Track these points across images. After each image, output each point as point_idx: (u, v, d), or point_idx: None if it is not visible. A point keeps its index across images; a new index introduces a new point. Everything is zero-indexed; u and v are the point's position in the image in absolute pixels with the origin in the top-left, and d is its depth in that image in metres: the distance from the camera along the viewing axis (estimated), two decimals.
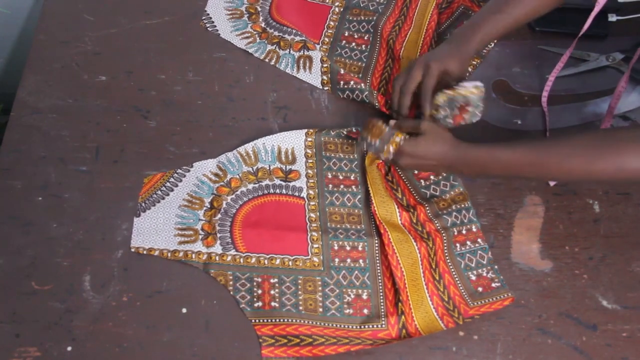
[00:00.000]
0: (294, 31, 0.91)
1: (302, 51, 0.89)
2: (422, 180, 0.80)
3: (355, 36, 0.92)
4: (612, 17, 0.93)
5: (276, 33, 0.91)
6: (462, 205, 0.78)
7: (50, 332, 0.70)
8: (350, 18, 0.94)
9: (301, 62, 0.89)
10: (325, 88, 0.87)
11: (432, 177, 0.80)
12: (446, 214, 0.77)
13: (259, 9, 0.94)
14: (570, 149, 0.64)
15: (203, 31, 0.92)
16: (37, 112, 0.84)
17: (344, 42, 0.92)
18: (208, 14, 0.93)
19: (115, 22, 0.92)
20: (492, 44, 0.91)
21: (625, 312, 0.73)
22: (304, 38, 0.90)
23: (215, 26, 0.92)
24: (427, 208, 0.77)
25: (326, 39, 0.92)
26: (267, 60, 0.89)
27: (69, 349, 0.69)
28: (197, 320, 0.71)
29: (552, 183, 0.81)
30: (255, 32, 0.91)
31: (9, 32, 1.08)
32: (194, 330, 0.71)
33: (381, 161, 0.80)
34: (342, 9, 0.94)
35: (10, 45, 1.11)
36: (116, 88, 0.86)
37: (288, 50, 0.90)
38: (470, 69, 0.89)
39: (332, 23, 0.93)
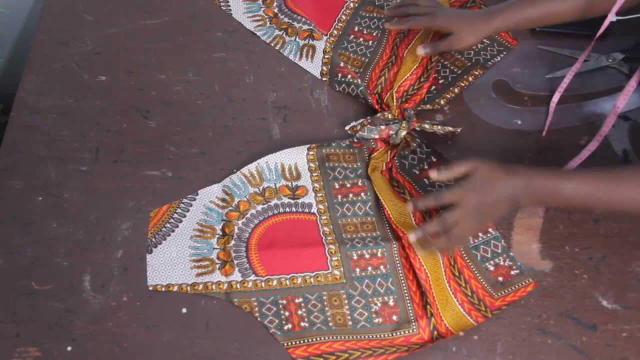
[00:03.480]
0: (303, 19, 0.92)
1: (307, 40, 0.91)
2: (425, 180, 0.80)
3: (365, 32, 0.92)
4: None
5: (286, 19, 0.93)
6: None
7: (50, 332, 0.70)
8: (363, 14, 0.94)
9: (304, 50, 0.90)
10: (324, 79, 0.88)
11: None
12: None
13: None
14: None
15: (203, 31, 0.92)
16: (37, 112, 0.84)
17: (351, 36, 0.92)
18: None
19: (115, 22, 0.92)
20: (500, 56, 0.90)
21: (625, 312, 0.73)
22: (311, 27, 0.91)
23: (229, 5, 0.94)
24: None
25: (335, 32, 0.93)
26: (272, 44, 0.90)
27: (69, 349, 0.69)
28: (197, 320, 0.71)
29: None
30: (266, 16, 0.93)
31: (9, 32, 1.08)
32: (194, 330, 0.71)
33: (384, 168, 0.79)
34: (356, 5, 0.95)
35: (10, 45, 1.11)
36: (116, 88, 0.86)
37: (294, 37, 0.91)
38: (471, 79, 0.88)
39: (343, 17, 0.94)
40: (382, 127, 0.80)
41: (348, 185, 0.79)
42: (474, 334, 0.71)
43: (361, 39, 0.92)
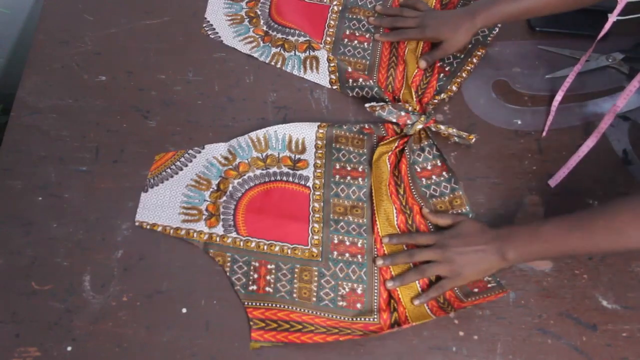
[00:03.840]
0: (297, 32, 0.91)
1: (307, 52, 0.89)
2: (423, 179, 0.80)
3: (357, 34, 0.92)
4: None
5: (279, 35, 0.91)
6: (460, 211, 0.78)
7: (50, 332, 0.70)
8: (350, 16, 0.94)
9: (307, 62, 0.89)
10: (334, 87, 0.87)
11: (434, 176, 0.80)
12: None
13: (259, 13, 0.93)
14: (616, 206, 0.63)
15: (204, 33, 0.92)
16: (37, 112, 0.84)
17: (346, 40, 0.92)
18: (209, 21, 0.92)
19: (115, 22, 0.92)
20: (497, 28, 0.91)
21: (625, 312, 0.73)
22: (308, 38, 0.90)
23: (217, 33, 0.91)
24: (423, 207, 0.78)
25: (328, 39, 0.92)
26: (272, 63, 0.89)
27: (69, 349, 0.69)
28: (197, 320, 0.71)
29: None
30: (257, 36, 0.91)
31: (9, 32, 1.08)
32: (194, 330, 0.71)
33: (391, 152, 0.80)
34: (340, 8, 0.94)
35: (10, 45, 1.11)
36: (116, 88, 0.86)
37: (293, 51, 0.89)
38: (475, 60, 0.89)
39: (332, 22, 0.93)
40: (403, 113, 0.81)
41: (348, 168, 0.80)
42: (474, 334, 0.71)
43: (356, 42, 0.91)
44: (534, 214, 0.78)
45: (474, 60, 0.89)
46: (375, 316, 0.71)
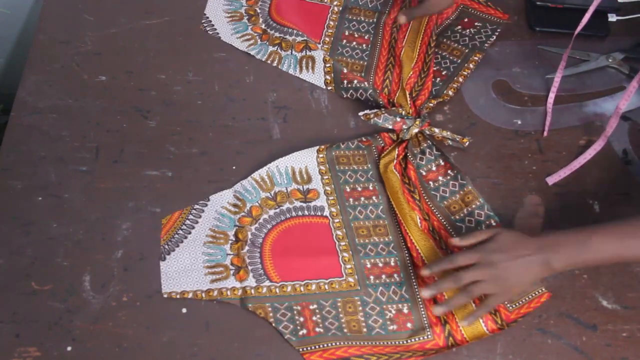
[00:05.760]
0: (295, 31, 0.90)
1: (304, 52, 0.89)
2: (431, 182, 0.80)
3: (356, 35, 0.92)
4: (612, 17, 0.93)
5: (277, 34, 0.91)
6: (475, 205, 0.77)
7: (50, 332, 0.70)
8: (350, 17, 0.94)
9: (304, 62, 0.89)
10: (329, 88, 0.87)
11: (440, 177, 0.80)
12: (459, 220, 0.77)
13: (259, 11, 0.93)
14: None
15: (203, 31, 0.92)
16: (37, 112, 0.84)
17: (344, 41, 0.91)
18: (207, 17, 0.92)
19: (115, 22, 0.92)
20: (495, 35, 0.91)
21: (625, 312, 0.73)
22: (305, 38, 0.90)
23: (215, 29, 0.91)
24: (438, 214, 0.77)
25: (327, 39, 0.92)
26: (269, 61, 0.89)
27: (69, 349, 0.69)
28: (197, 320, 0.71)
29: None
30: (255, 34, 0.91)
31: (9, 32, 1.08)
32: (194, 330, 0.71)
33: (395, 162, 0.79)
34: (341, 8, 0.94)
35: (10, 45, 1.11)
36: (116, 88, 0.86)
37: (290, 51, 0.89)
38: (472, 65, 0.89)
39: (331, 22, 0.93)
40: (398, 119, 0.81)
41: (359, 189, 0.79)
42: None
43: (354, 43, 0.91)
44: (534, 214, 0.78)
45: (471, 66, 0.89)
46: (429, 332, 0.70)
